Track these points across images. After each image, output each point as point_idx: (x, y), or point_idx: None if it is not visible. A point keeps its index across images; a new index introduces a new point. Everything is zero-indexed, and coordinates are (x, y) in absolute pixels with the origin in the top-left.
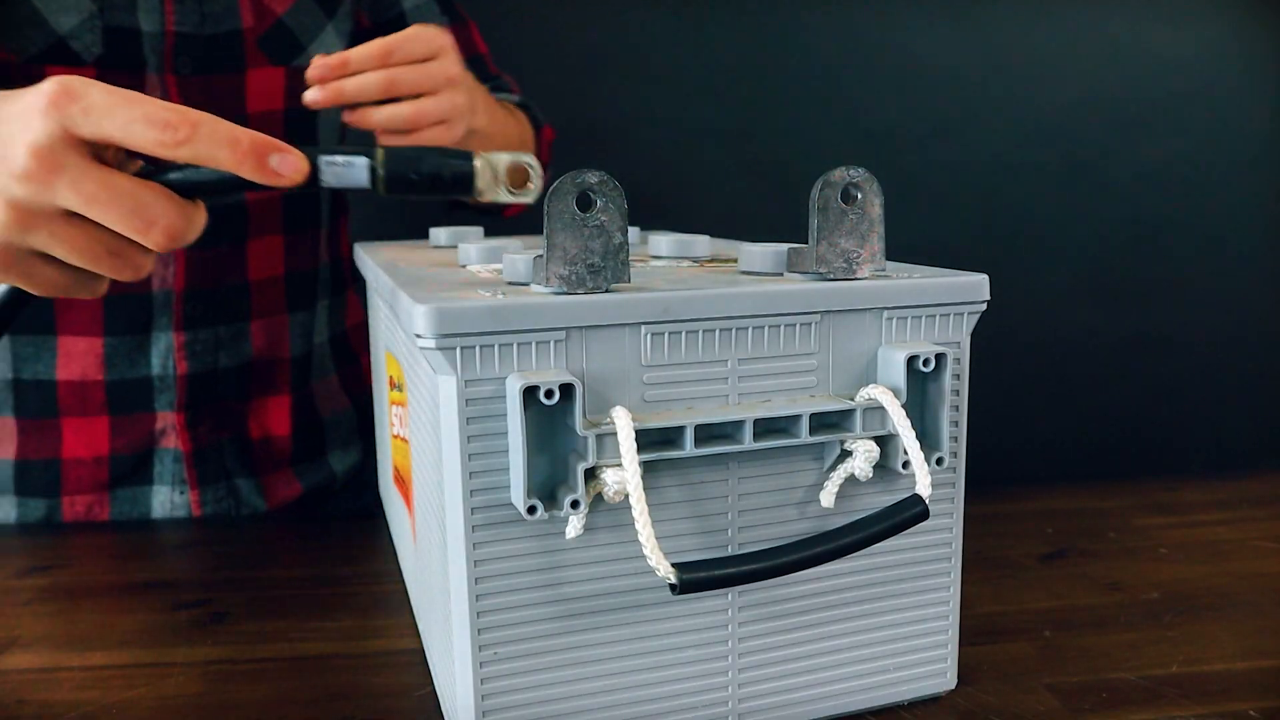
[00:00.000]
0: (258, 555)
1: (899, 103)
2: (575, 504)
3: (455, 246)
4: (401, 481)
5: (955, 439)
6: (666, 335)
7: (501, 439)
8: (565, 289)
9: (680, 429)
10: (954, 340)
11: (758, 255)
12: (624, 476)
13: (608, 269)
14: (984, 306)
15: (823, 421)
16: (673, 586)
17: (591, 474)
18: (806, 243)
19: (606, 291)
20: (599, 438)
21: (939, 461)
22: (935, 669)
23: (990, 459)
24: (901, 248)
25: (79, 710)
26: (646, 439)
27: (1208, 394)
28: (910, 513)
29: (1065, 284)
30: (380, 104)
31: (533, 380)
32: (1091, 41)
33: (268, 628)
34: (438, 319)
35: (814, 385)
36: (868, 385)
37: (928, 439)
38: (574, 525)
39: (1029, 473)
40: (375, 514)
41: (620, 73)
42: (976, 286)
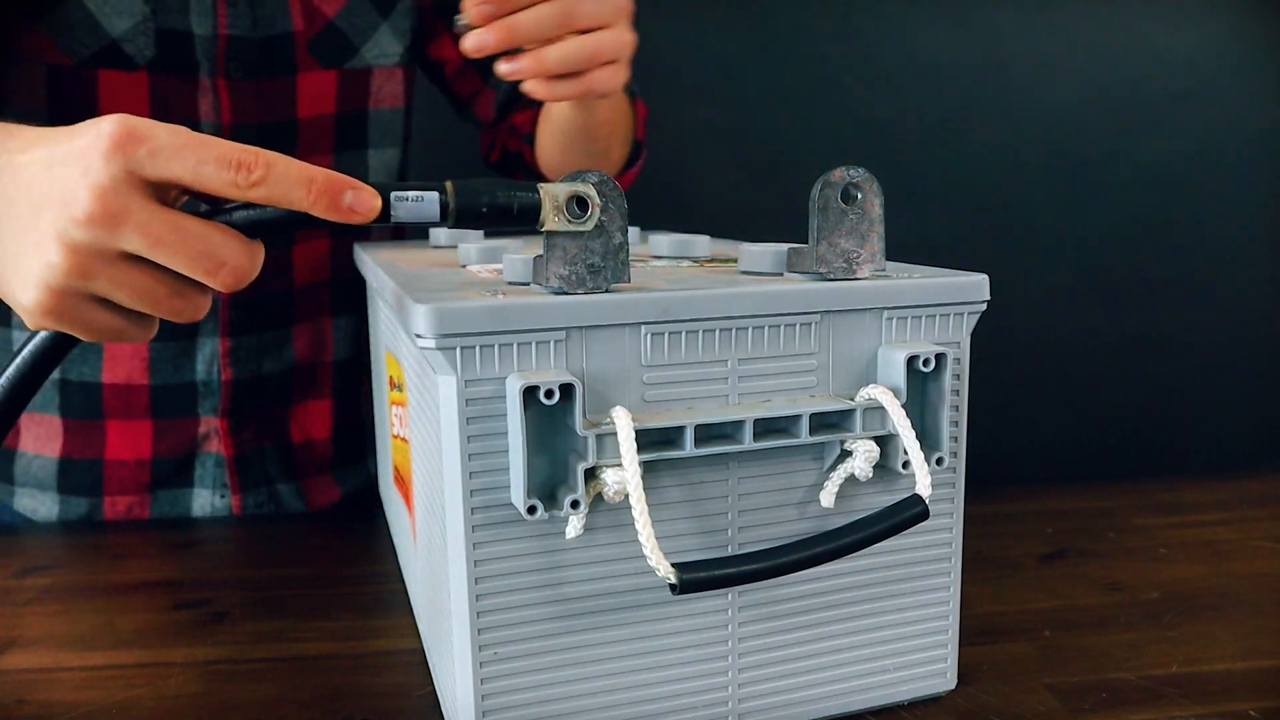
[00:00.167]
0: (258, 555)
1: (899, 102)
2: (575, 504)
3: (455, 246)
4: (401, 481)
5: (955, 439)
6: (666, 335)
7: (501, 439)
8: (565, 289)
9: (680, 429)
10: (954, 340)
11: (758, 255)
12: (624, 476)
13: (608, 269)
14: (984, 306)
15: (823, 421)
16: (673, 586)
17: (591, 474)
18: (806, 243)
19: (606, 291)
20: (599, 438)
21: (939, 461)
22: (935, 669)
23: (990, 459)
24: (901, 248)
25: (79, 710)
26: (646, 439)
27: (1208, 394)
28: (910, 513)
29: (1065, 284)
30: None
31: (533, 380)
32: (1091, 41)
33: (268, 628)
34: (438, 319)
35: (814, 385)
36: (868, 385)
37: (928, 439)
38: (574, 525)
39: (1029, 473)
40: (375, 514)
41: None
42: (976, 286)
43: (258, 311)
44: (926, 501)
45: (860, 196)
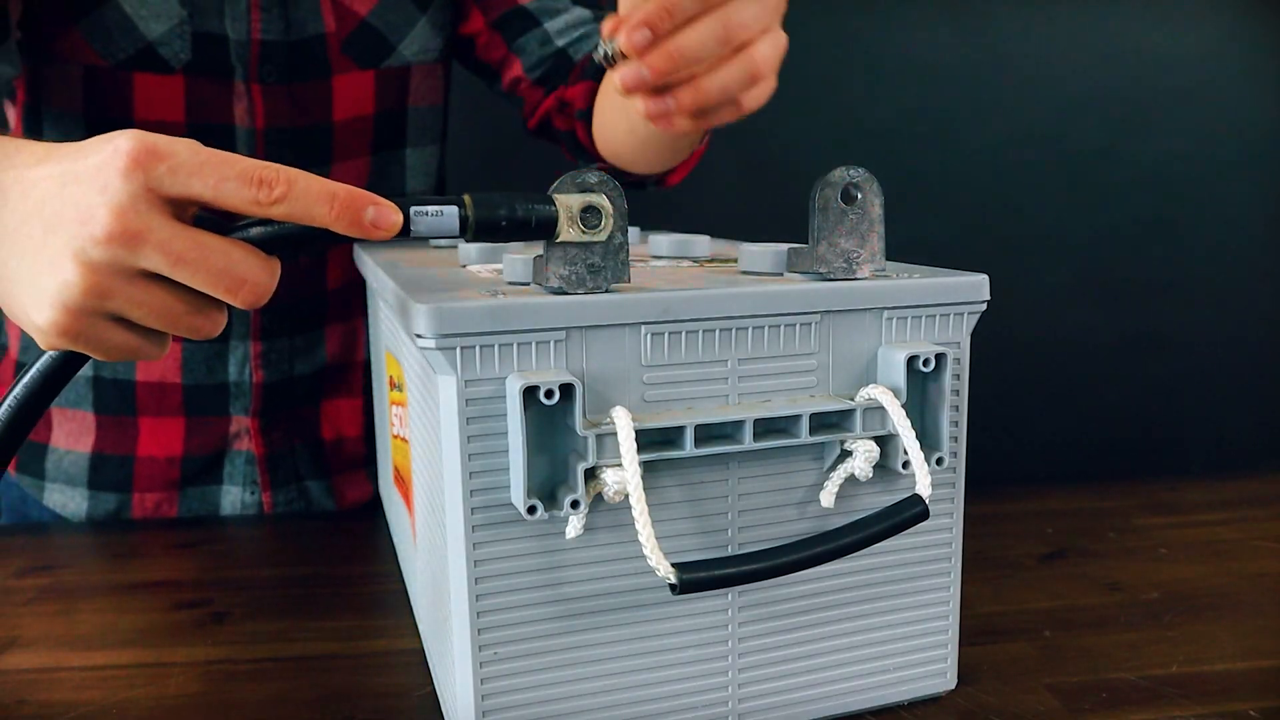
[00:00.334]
0: (258, 555)
1: (898, 102)
2: (575, 504)
3: (455, 246)
4: (401, 481)
5: (955, 439)
6: (666, 335)
7: (501, 439)
8: (565, 289)
9: (680, 429)
10: (954, 340)
11: (758, 255)
12: (624, 476)
13: (608, 269)
14: (984, 306)
15: (823, 421)
16: (673, 586)
17: (591, 474)
18: (806, 243)
19: (606, 291)
20: (599, 438)
21: (939, 461)
22: (935, 669)
23: (990, 459)
24: (901, 248)
25: (79, 710)
26: (646, 439)
27: (1208, 394)
28: (910, 513)
29: (1065, 284)
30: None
31: (533, 380)
32: (1091, 41)
33: (268, 628)
34: (438, 319)
35: (814, 385)
36: (868, 385)
37: (928, 439)
38: (574, 525)
39: (1029, 473)
40: (375, 514)
41: None
42: (976, 286)
43: (291, 316)
44: (926, 501)
45: (860, 196)
